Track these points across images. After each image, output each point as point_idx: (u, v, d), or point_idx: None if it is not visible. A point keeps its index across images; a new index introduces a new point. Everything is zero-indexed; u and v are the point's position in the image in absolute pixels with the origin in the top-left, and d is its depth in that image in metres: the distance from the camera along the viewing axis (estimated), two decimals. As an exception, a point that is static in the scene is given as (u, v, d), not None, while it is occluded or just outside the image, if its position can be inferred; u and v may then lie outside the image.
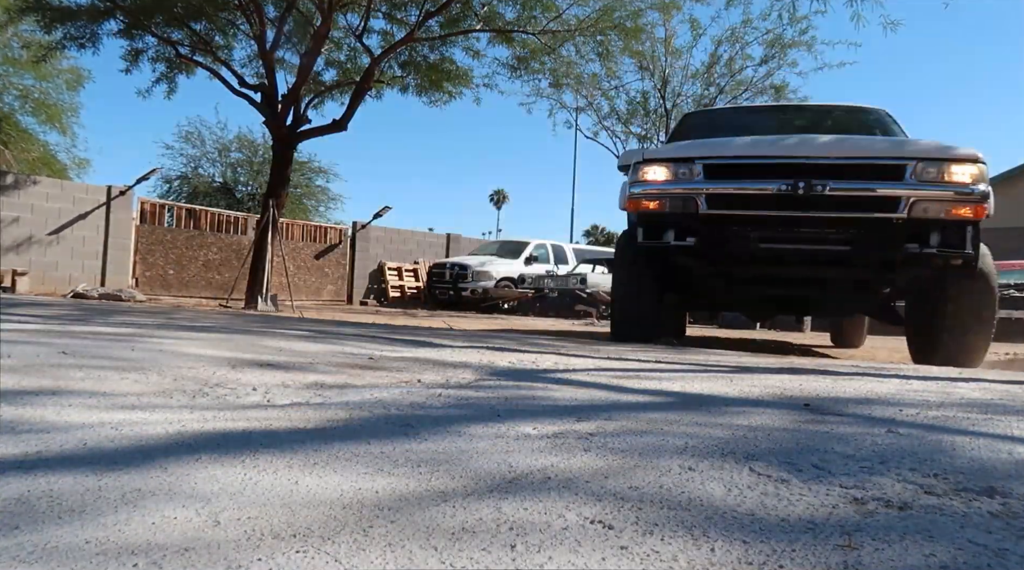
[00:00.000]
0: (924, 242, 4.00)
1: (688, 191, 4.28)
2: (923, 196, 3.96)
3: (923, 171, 3.99)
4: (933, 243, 3.99)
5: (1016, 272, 13.50)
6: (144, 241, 13.07)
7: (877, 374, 3.52)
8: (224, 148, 24.19)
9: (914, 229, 3.99)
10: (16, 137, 18.64)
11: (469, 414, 1.88)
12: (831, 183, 4.00)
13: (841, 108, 6.18)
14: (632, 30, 11.27)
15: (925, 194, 3.96)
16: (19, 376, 2.09)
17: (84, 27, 10.58)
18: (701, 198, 4.26)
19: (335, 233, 16.85)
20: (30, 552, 0.86)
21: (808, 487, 1.28)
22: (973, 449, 1.67)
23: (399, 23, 11.62)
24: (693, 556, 0.93)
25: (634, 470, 1.36)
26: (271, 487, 1.16)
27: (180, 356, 2.77)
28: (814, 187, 3.99)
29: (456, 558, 0.89)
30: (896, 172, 4.03)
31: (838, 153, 4.16)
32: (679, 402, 2.28)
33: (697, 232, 4.30)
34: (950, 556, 0.96)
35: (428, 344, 3.98)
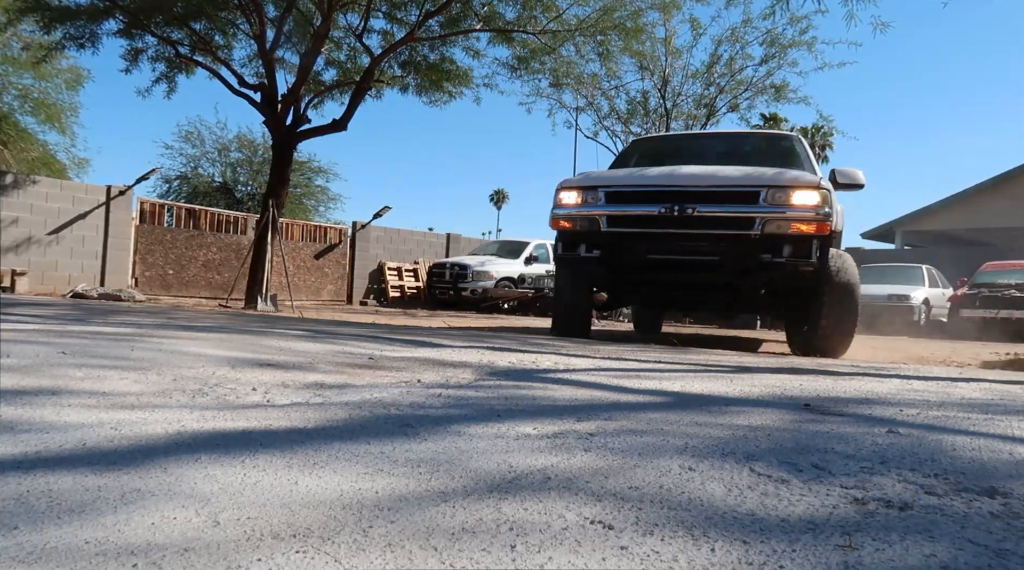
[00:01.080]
0: (776, 253, 4.86)
1: (593, 213, 5.27)
2: (773, 216, 4.83)
3: (773, 196, 4.88)
4: (785, 254, 4.85)
5: (1016, 272, 13.50)
6: (144, 241, 13.06)
7: (877, 374, 3.52)
8: (224, 148, 24.18)
9: (767, 242, 4.86)
10: (15, 137, 18.64)
11: (469, 414, 1.88)
12: (699, 206, 4.95)
13: (758, 135, 7.55)
14: (632, 30, 11.27)
15: (774, 215, 4.83)
16: (19, 376, 2.09)
17: (84, 27, 10.57)
18: (603, 218, 5.24)
19: (335, 233, 16.85)
20: (29, 552, 0.86)
21: (808, 487, 1.28)
22: (974, 449, 1.67)
23: (399, 23, 11.62)
24: (693, 556, 0.93)
25: (634, 470, 1.35)
26: (271, 487, 1.15)
27: (180, 356, 2.77)
28: (686, 210, 4.94)
29: (456, 558, 0.89)
30: (752, 197, 4.92)
31: (706, 182, 5.08)
32: (679, 402, 2.28)
33: (600, 246, 5.27)
34: (951, 556, 0.96)
35: (428, 344, 3.98)
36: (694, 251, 5.08)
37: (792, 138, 6.49)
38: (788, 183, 4.88)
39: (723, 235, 4.96)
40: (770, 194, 4.86)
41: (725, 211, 4.94)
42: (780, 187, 4.85)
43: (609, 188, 5.29)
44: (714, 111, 16.14)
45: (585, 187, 5.34)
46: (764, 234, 4.82)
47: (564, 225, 5.41)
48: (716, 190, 5.00)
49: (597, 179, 5.44)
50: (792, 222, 4.81)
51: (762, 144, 6.65)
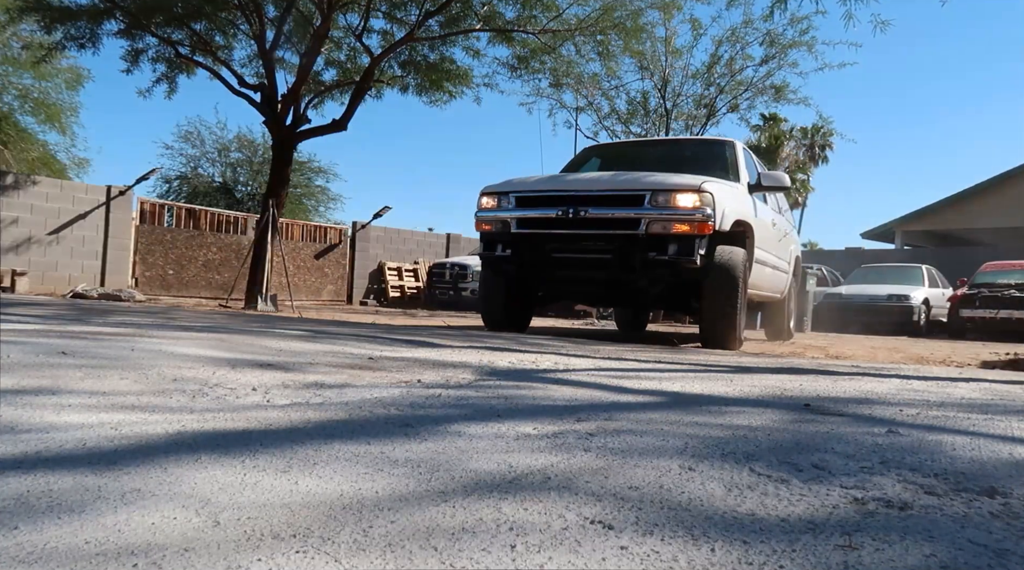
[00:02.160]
0: (661, 251, 5.27)
1: (505, 216, 5.80)
2: (656, 217, 5.27)
3: (655, 199, 5.29)
4: (669, 252, 5.25)
5: (1016, 272, 13.50)
6: (144, 241, 13.06)
7: (877, 374, 3.52)
8: (224, 148, 24.18)
9: (653, 241, 5.28)
10: (15, 137, 18.63)
11: (469, 414, 1.88)
12: (591, 209, 5.44)
13: (696, 141, 8.46)
14: (632, 30, 11.26)
15: (657, 216, 5.27)
16: (18, 376, 2.09)
17: (84, 27, 10.56)
18: (513, 221, 5.75)
19: (335, 233, 16.85)
20: (29, 552, 0.86)
21: (808, 487, 1.28)
22: (973, 449, 1.67)
23: (399, 23, 11.62)
24: (693, 556, 0.93)
25: (634, 470, 1.36)
26: (271, 487, 1.15)
27: (180, 356, 2.77)
28: (579, 212, 5.44)
29: (456, 558, 0.89)
30: (638, 200, 5.35)
31: (598, 187, 5.59)
32: (679, 402, 2.28)
33: (512, 245, 5.77)
34: (950, 556, 0.96)
35: (428, 344, 3.98)
36: (590, 250, 5.56)
37: (726, 144, 6.86)
38: (670, 187, 5.31)
39: (613, 235, 5.42)
40: (653, 197, 5.30)
41: (614, 213, 5.43)
42: (662, 191, 5.30)
43: (518, 193, 5.82)
44: (714, 111, 16.14)
45: (500, 193, 5.90)
46: (649, 234, 5.26)
47: (484, 227, 5.95)
48: (606, 194, 5.51)
49: (509, 185, 5.94)
50: (674, 223, 5.24)
51: (699, 150, 7.24)
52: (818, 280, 14.97)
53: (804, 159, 38.73)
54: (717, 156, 6.58)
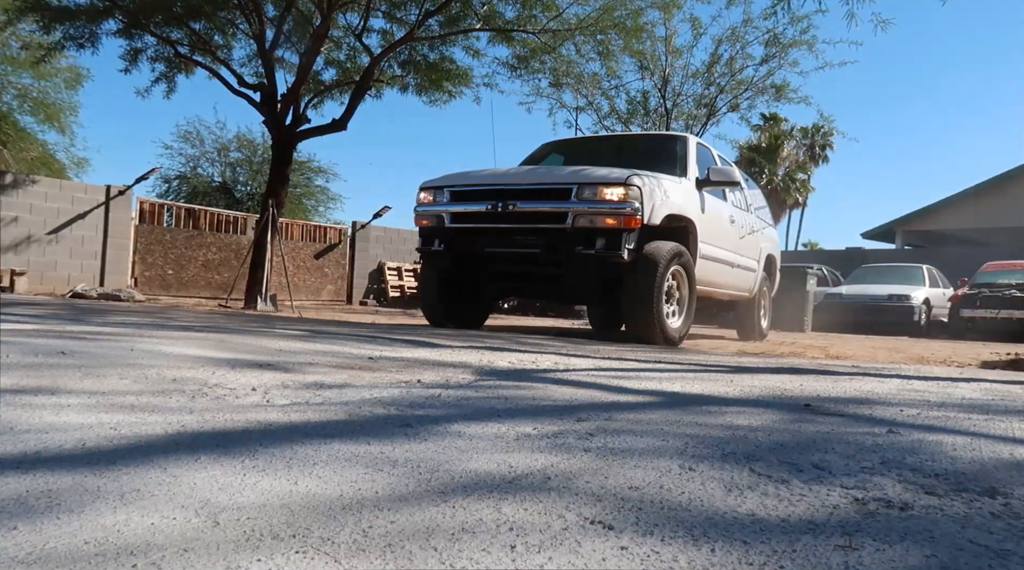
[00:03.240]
0: (589, 245, 5.20)
1: (440, 211, 5.78)
2: (582, 211, 5.21)
3: (582, 192, 5.24)
4: (597, 246, 5.17)
5: (1016, 272, 13.50)
6: (143, 241, 13.06)
7: (877, 374, 3.52)
8: (223, 148, 24.16)
9: (580, 235, 5.21)
10: (14, 136, 18.63)
11: (469, 414, 1.88)
12: (519, 203, 5.39)
13: (650, 136, 8.66)
14: (632, 29, 11.26)
15: (583, 210, 5.21)
16: (18, 376, 2.09)
17: (83, 27, 10.56)
18: (447, 215, 5.73)
19: (335, 233, 16.85)
20: (29, 552, 0.85)
21: (809, 487, 1.28)
22: (974, 449, 1.67)
23: (399, 22, 11.61)
24: (693, 556, 0.93)
25: (634, 470, 1.35)
26: (271, 487, 1.15)
27: (179, 356, 2.77)
28: (508, 206, 5.39)
29: (456, 558, 0.89)
30: (564, 194, 5.31)
31: (526, 181, 5.57)
32: (679, 402, 2.28)
33: (446, 240, 5.75)
34: (951, 557, 0.96)
35: (428, 344, 3.98)
36: (519, 244, 5.52)
37: (678, 139, 6.86)
38: (596, 180, 5.27)
39: (541, 229, 5.39)
40: (579, 190, 5.25)
41: (541, 207, 5.40)
42: (588, 184, 5.25)
43: (452, 187, 5.79)
44: (714, 111, 16.13)
45: (435, 187, 5.87)
46: (576, 228, 5.21)
47: (422, 222, 5.93)
48: (533, 188, 5.48)
49: (446, 180, 5.91)
50: (600, 216, 5.18)
51: (652, 145, 7.20)
52: (818, 280, 14.97)
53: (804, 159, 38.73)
54: (668, 151, 6.55)
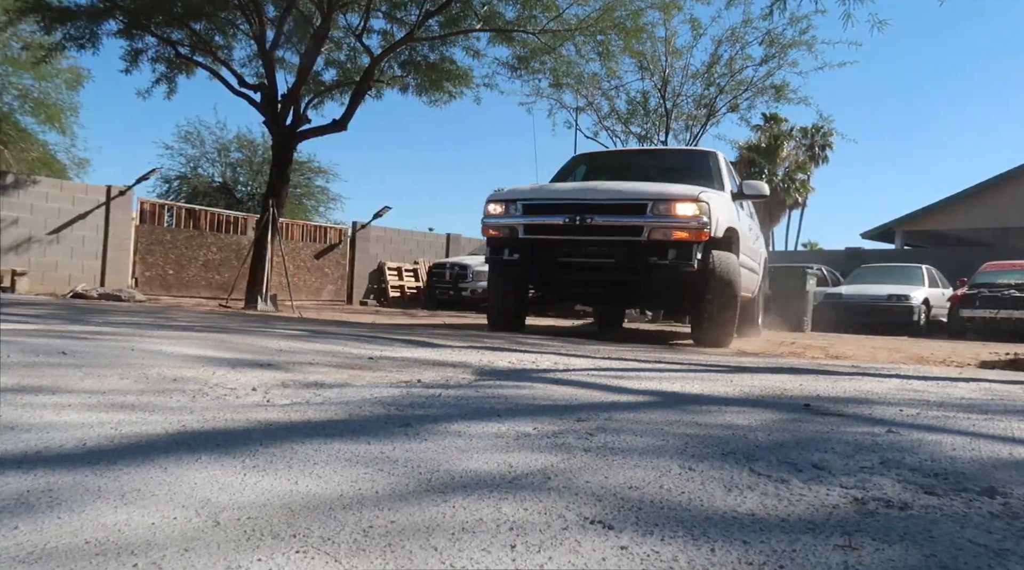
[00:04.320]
0: (661, 256, 5.57)
1: (513, 223, 6.06)
2: (656, 225, 5.57)
3: (656, 208, 5.59)
4: (669, 257, 5.55)
5: (1016, 272, 13.50)
6: (144, 241, 13.06)
7: (877, 374, 3.52)
8: (224, 148, 24.17)
9: (653, 247, 5.59)
10: (15, 137, 18.63)
11: (469, 414, 1.88)
12: (597, 217, 5.70)
13: (682, 151, 9.39)
14: (632, 30, 11.26)
15: (657, 224, 5.57)
16: (19, 375, 2.09)
17: (84, 27, 10.56)
18: (521, 227, 6.02)
19: (335, 233, 16.85)
20: (29, 552, 0.86)
21: (808, 487, 1.28)
22: (973, 449, 1.67)
23: (399, 23, 11.61)
24: (693, 556, 0.93)
25: (634, 470, 1.36)
26: (271, 487, 1.15)
27: (180, 356, 2.77)
28: (585, 220, 5.69)
29: (456, 558, 0.89)
30: (640, 209, 5.65)
31: (603, 196, 5.84)
32: (679, 402, 2.28)
33: (520, 250, 6.03)
34: (950, 556, 0.96)
35: (428, 344, 3.98)
36: (595, 254, 5.86)
37: (709, 155, 7.25)
38: (670, 196, 5.62)
39: (617, 241, 5.75)
40: (654, 206, 5.60)
41: (618, 221, 5.72)
42: (663, 200, 5.60)
43: (526, 201, 6.10)
44: (714, 111, 16.14)
45: (507, 200, 6.16)
46: (650, 240, 5.58)
47: (492, 233, 6.22)
48: (610, 203, 5.79)
49: (517, 193, 6.22)
50: (673, 230, 5.56)
51: (684, 160, 7.65)
52: (818, 280, 14.96)
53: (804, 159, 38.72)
54: (702, 166, 6.94)
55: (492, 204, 6.22)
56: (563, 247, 5.91)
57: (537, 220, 5.98)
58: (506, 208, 6.13)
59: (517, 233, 6.02)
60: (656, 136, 16.57)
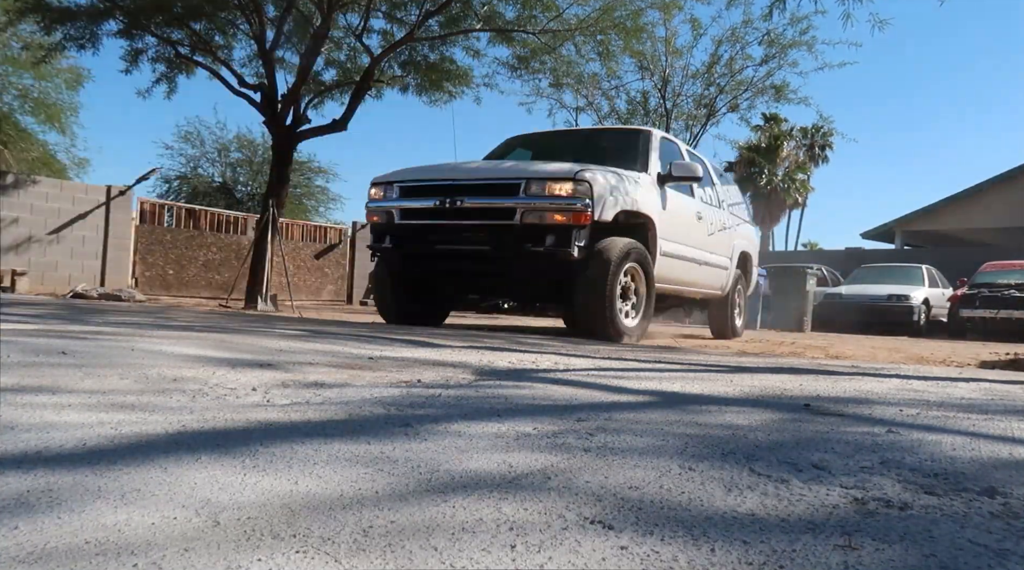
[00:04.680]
0: (538, 242, 5.11)
1: (390, 207, 5.69)
2: (530, 207, 5.13)
3: (530, 188, 5.15)
4: (547, 243, 5.07)
5: (1016, 272, 13.50)
6: (144, 241, 13.06)
7: (877, 374, 3.52)
8: (224, 148, 24.19)
9: (529, 232, 5.12)
10: (15, 137, 18.64)
11: (469, 414, 1.88)
12: (468, 198, 5.30)
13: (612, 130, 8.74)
14: (632, 29, 11.27)
15: (531, 205, 5.13)
16: (19, 375, 2.09)
17: (83, 27, 10.57)
18: (397, 211, 5.65)
19: (335, 233, 16.85)
20: (29, 552, 0.86)
21: (808, 487, 1.28)
22: (973, 449, 1.67)
23: (399, 23, 11.62)
24: (693, 556, 0.93)
25: (634, 470, 1.36)
26: (271, 487, 1.15)
27: (180, 356, 2.77)
28: (456, 202, 5.30)
29: (456, 558, 0.89)
30: (513, 189, 5.21)
31: (474, 176, 5.48)
32: (679, 402, 2.28)
33: (396, 236, 5.67)
34: (950, 556, 0.96)
35: (428, 344, 3.98)
36: (469, 241, 5.42)
37: (641, 133, 6.71)
38: (544, 175, 5.18)
39: (491, 226, 5.27)
40: (527, 186, 5.15)
41: (490, 202, 5.29)
42: (537, 179, 5.16)
43: (402, 183, 5.70)
44: (714, 111, 16.15)
45: (386, 183, 5.77)
46: (524, 224, 5.11)
47: (373, 218, 5.87)
48: (482, 183, 5.38)
49: (395, 175, 5.81)
50: (548, 212, 5.10)
51: (615, 140, 7.07)
52: (818, 280, 14.97)
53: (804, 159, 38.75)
54: (630, 145, 6.44)
55: (374, 187, 5.86)
56: (437, 233, 5.50)
57: (411, 204, 5.60)
58: (385, 191, 5.76)
59: (394, 218, 5.65)
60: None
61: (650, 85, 16.15)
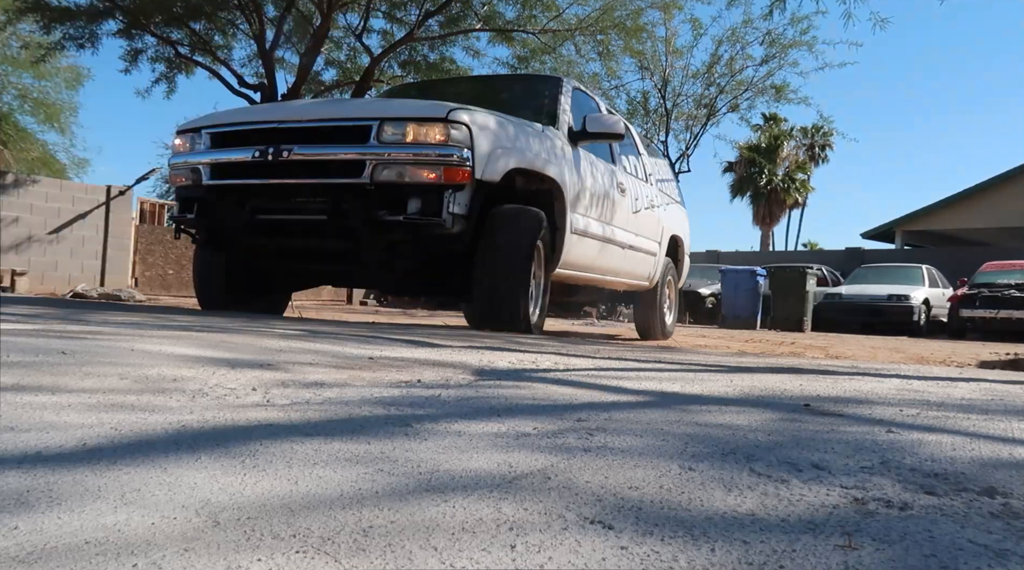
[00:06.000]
0: (397, 209, 3.76)
1: (196, 162, 4.24)
2: (383, 158, 3.75)
3: (384, 132, 3.79)
4: (409, 210, 3.75)
5: (1016, 272, 13.50)
6: (143, 241, 13.07)
7: (877, 374, 3.52)
8: (224, 148, 24.16)
9: (384, 195, 3.79)
10: (15, 137, 18.65)
11: (469, 414, 1.88)
12: (296, 148, 3.87)
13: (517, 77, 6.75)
14: (632, 29, 11.29)
15: (385, 156, 3.76)
16: (18, 375, 2.09)
17: (83, 27, 10.58)
18: (205, 168, 4.19)
19: (335, 233, 16.85)
20: (29, 552, 0.86)
21: (808, 487, 1.28)
22: (974, 449, 1.67)
23: (399, 22, 11.64)
24: (693, 556, 0.93)
25: (634, 470, 1.36)
26: (271, 487, 1.15)
27: (180, 356, 2.77)
28: (281, 152, 3.84)
29: (456, 558, 0.89)
30: (361, 135, 3.85)
31: (308, 116, 4.13)
32: (679, 402, 2.28)
33: (203, 204, 4.22)
34: (951, 556, 0.96)
35: (428, 344, 3.98)
36: (301, 209, 4.04)
37: (549, 81, 5.50)
38: (404, 115, 3.87)
39: (330, 185, 3.88)
40: (381, 129, 3.78)
41: (328, 153, 3.93)
42: (394, 120, 3.81)
43: (212, 130, 4.26)
44: (714, 111, 16.17)
45: (191, 130, 4.34)
46: (376, 183, 3.76)
47: (178, 180, 4.41)
48: (319, 126, 4.01)
49: (204, 119, 4.40)
50: (410, 166, 3.74)
51: (520, 89, 5.78)
52: (818, 280, 14.97)
53: (804, 159, 38.75)
54: (537, 96, 5.21)
55: (178, 137, 4.43)
56: (258, 197, 4.05)
57: (222, 156, 4.17)
58: (191, 143, 4.31)
59: (201, 178, 4.19)
60: (656, 136, 16.58)
61: (650, 85, 16.20)
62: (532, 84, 5.81)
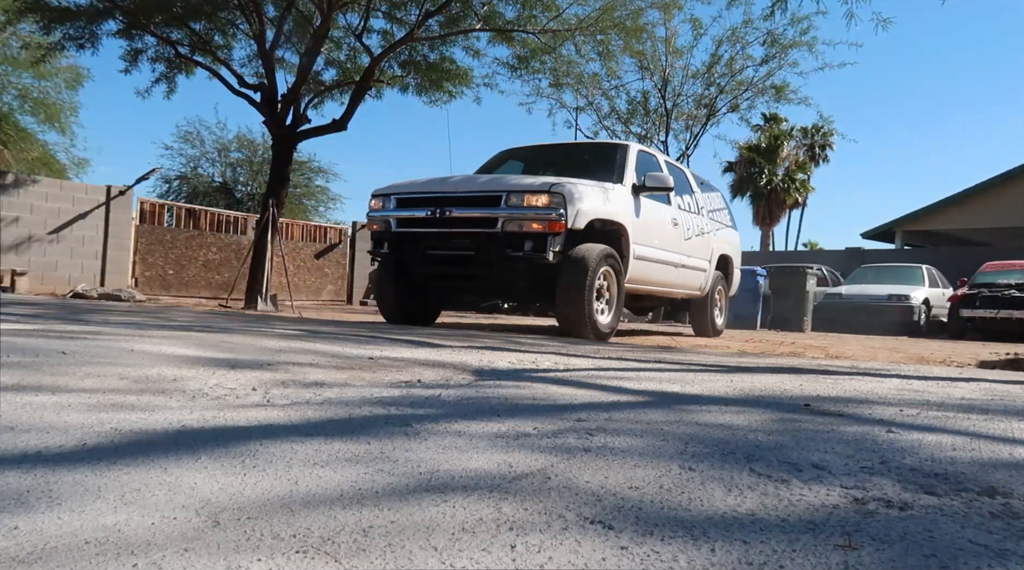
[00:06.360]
0: (517, 248, 5.68)
1: (388, 216, 6.32)
2: (509, 217, 5.71)
3: (510, 199, 5.74)
4: (526, 248, 5.66)
5: (1016, 272, 13.50)
6: (144, 241, 13.06)
7: (877, 374, 3.52)
8: (223, 148, 24.18)
9: (509, 239, 5.71)
10: (15, 137, 18.64)
11: (469, 414, 1.88)
12: (454, 209, 5.90)
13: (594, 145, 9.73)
14: (632, 29, 11.27)
15: (511, 215, 5.71)
16: (19, 375, 2.09)
17: (83, 27, 10.56)
18: (393, 220, 6.28)
19: (335, 233, 16.85)
20: (30, 552, 0.86)
21: (808, 487, 1.28)
22: (973, 449, 1.67)
23: (399, 22, 11.62)
24: (693, 556, 0.93)
25: (634, 470, 1.36)
26: (271, 487, 1.15)
27: (180, 356, 2.77)
28: (445, 212, 5.91)
29: (456, 558, 0.89)
30: (495, 201, 5.79)
31: (461, 189, 6.08)
32: (679, 402, 2.28)
33: (393, 243, 6.32)
34: (950, 556, 0.96)
35: (428, 344, 3.98)
36: (455, 247, 6.05)
37: (619, 147, 7.30)
38: (523, 189, 5.77)
39: (476, 233, 5.87)
40: (508, 198, 5.73)
41: (475, 213, 5.89)
42: (516, 192, 5.75)
43: (398, 195, 6.33)
44: (714, 111, 16.16)
45: (384, 195, 6.41)
46: (505, 232, 5.69)
47: (373, 227, 6.50)
48: (467, 195, 5.99)
49: (392, 188, 6.45)
50: (526, 221, 5.68)
51: (594, 153, 7.72)
52: (818, 280, 14.97)
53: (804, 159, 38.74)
54: (608, 159, 7.02)
55: (374, 199, 6.49)
56: (429, 240, 6.12)
57: (406, 213, 6.22)
58: (383, 202, 6.38)
59: (391, 226, 6.27)
60: (656, 136, 16.59)
61: (650, 85, 16.17)
62: (607, 150, 7.54)
